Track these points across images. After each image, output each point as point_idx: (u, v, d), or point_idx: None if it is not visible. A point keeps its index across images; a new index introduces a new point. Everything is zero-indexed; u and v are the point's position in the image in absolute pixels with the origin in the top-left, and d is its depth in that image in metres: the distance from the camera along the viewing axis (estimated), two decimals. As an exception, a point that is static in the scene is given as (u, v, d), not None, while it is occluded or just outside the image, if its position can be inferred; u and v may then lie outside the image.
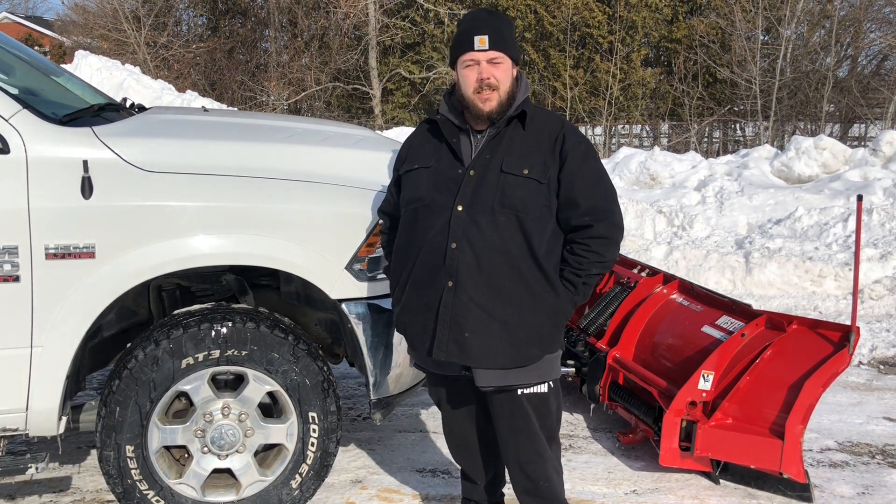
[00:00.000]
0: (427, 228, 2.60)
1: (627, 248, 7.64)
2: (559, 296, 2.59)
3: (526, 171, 2.54)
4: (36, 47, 27.00)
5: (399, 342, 3.17)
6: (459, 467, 3.15)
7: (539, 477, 2.80)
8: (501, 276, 2.54)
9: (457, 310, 2.55)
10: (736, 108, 20.26)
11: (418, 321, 2.66)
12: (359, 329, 3.11)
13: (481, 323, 2.55)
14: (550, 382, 2.71)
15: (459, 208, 2.54)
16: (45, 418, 2.95)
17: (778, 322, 3.77)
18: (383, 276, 3.18)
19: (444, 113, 2.69)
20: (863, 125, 20.59)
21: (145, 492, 3.10)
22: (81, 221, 2.85)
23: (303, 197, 3.10)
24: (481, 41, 2.53)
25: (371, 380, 3.18)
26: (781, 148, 11.83)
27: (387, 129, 16.23)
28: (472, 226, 2.53)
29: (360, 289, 3.12)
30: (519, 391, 2.66)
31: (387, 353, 3.16)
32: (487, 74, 2.54)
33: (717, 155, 15.91)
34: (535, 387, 2.67)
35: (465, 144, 2.64)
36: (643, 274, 4.60)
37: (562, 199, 2.57)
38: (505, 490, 3.17)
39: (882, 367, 5.49)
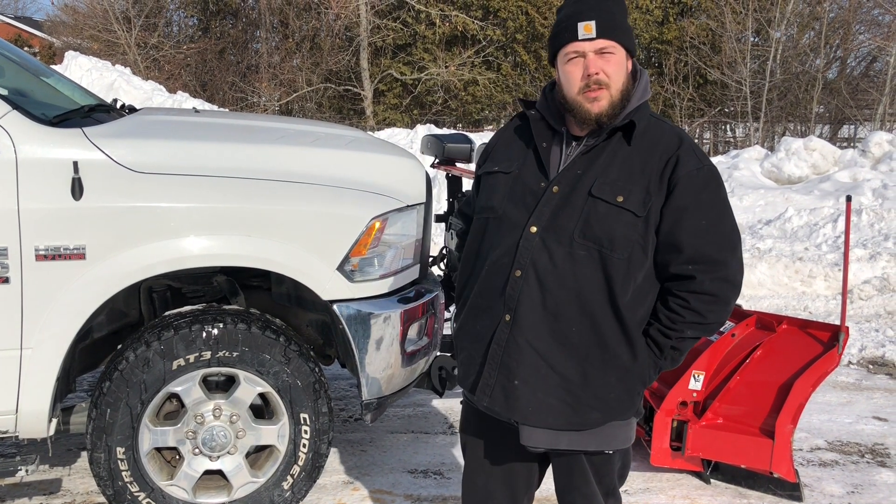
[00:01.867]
0: (494, 245, 2.14)
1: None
2: (637, 357, 2.08)
3: (620, 199, 2.02)
4: (25, 48, 26.86)
5: (391, 343, 3.17)
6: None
7: None
8: (569, 322, 2.05)
9: (510, 351, 2.08)
10: (726, 110, 20.36)
11: (468, 349, 2.21)
12: (350, 330, 3.11)
13: (536, 373, 2.07)
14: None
15: (533, 229, 2.06)
16: (36, 420, 2.94)
17: (768, 322, 3.79)
18: (375, 277, 3.18)
19: (541, 109, 2.18)
20: (852, 126, 20.72)
21: (136, 494, 3.09)
22: (71, 222, 2.84)
23: (294, 198, 3.09)
24: (587, 28, 2.02)
25: (363, 381, 3.18)
26: (772, 149, 11.90)
27: (378, 129, 16.22)
28: (544, 254, 2.05)
29: (352, 290, 3.11)
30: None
31: (378, 355, 3.16)
32: (596, 69, 2.03)
33: (708, 156, 15.96)
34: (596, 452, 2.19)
35: (556, 153, 2.14)
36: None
37: (662, 238, 2.04)
38: None
39: (871, 366, 5.52)
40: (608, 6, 2.07)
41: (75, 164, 2.84)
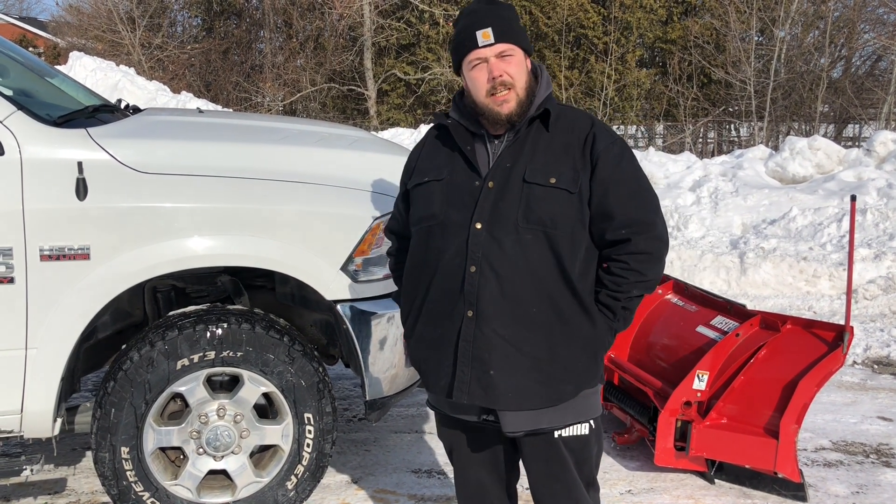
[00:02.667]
0: (442, 250, 2.22)
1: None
2: (595, 324, 2.22)
3: (553, 180, 2.16)
4: (30, 48, 26.93)
5: (394, 343, 3.17)
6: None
7: None
8: (529, 304, 2.16)
9: (479, 344, 2.17)
10: (730, 109, 20.33)
11: (433, 356, 2.28)
12: (354, 330, 3.11)
13: (508, 359, 2.17)
14: (591, 422, 2.31)
15: (478, 226, 2.17)
16: (40, 420, 2.94)
17: (772, 322, 3.78)
18: (379, 276, 3.18)
19: (456, 117, 2.30)
20: (857, 126, 20.66)
21: (140, 493, 3.09)
22: (76, 223, 2.84)
23: (298, 198, 3.10)
24: (485, 35, 2.16)
25: (366, 381, 3.18)
26: (776, 148, 11.87)
27: (382, 130, 16.23)
28: (494, 246, 2.15)
29: (356, 290, 3.12)
30: (556, 433, 2.27)
31: (382, 354, 3.16)
32: (499, 72, 2.16)
33: (712, 155, 15.94)
34: (573, 427, 2.28)
35: (482, 152, 2.26)
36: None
37: (594, 210, 2.19)
38: None
39: (876, 366, 5.50)
40: (501, 13, 2.22)
41: (80, 164, 2.85)
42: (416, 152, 2.45)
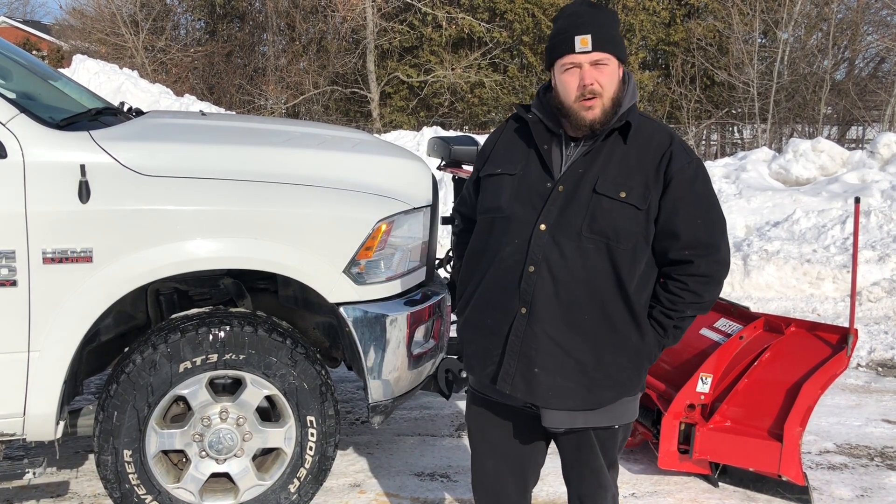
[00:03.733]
0: (504, 243, 2.26)
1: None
2: (645, 338, 2.25)
3: (623, 195, 2.17)
4: (34, 51, 27.00)
5: (397, 346, 3.17)
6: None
7: None
8: (582, 310, 2.20)
9: (528, 341, 2.22)
10: (734, 111, 20.31)
11: (479, 342, 2.33)
12: (357, 333, 3.11)
13: (554, 359, 2.22)
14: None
15: (542, 227, 2.20)
16: (43, 423, 2.94)
17: (776, 324, 3.77)
18: (382, 279, 3.17)
19: (537, 113, 2.31)
20: (860, 127, 20.63)
21: (143, 496, 3.09)
22: (79, 225, 2.84)
23: (301, 200, 3.10)
24: (583, 41, 2.15)
25: (369, 384, 3.18)
26: (779, 150, 11.85)
27: (385, 132, 16.23)
28: (555, 249, 2.19)
29: (359, 292, 3.11)
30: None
31: (385, 357, 3.16)
32: (591, 80, 2.17)
33: (715, 157, 15.94)
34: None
35: (557, 154, 2.27)
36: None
37: (660, 227, 2.21)
38: None
39: (880, 369, 5.49)
40: (602, 20, 2.20)
41: (82, 167, 2.85)
42: (492, 139, 2.46)
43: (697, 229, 2.21)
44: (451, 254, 4.32)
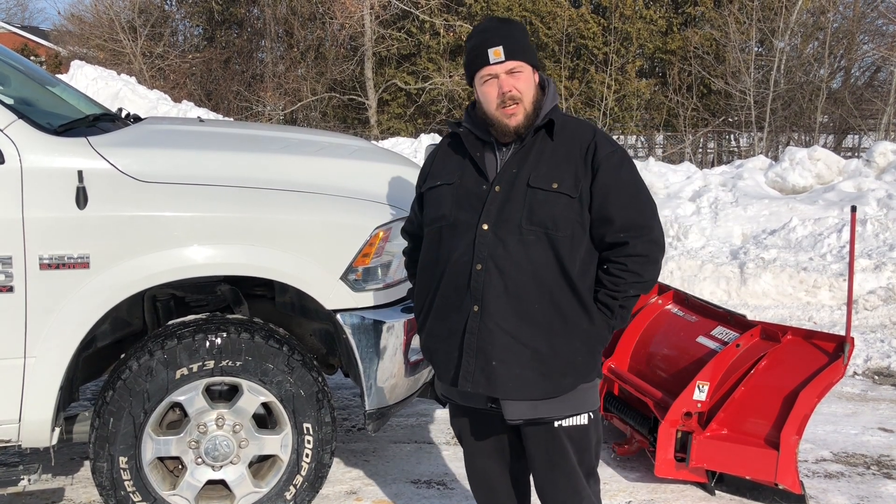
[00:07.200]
0: (451, 249, 2.40)
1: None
2: (594, 321, 2.37)
3: (555, 186, 2.33)
4: (32, 57, 26.98)
5: (394, 353, 3.17)
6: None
7: None
8: (531, 300, 2.33)
9: (483, 336, 2.34)
10: (730, 119, 20.34)
11: (442, 348, 2.44)
12: (354, 340, 3.11)
13: (509, 351, 2.33)
14: (590, 413, 2.46)
15: (485, 227, 2.33)
16: (39, 429, 2.93)
17: (773, 333, 3.78)
18: (379, 286, 3.17)
19: (468, 126, 2.48)
20: (856, 136, 20.69)
21: (138, 503, 3.08)
22: (76, 231, 2.84)
23: (298, 207, 3.10)
24: (496, 53, 2.32)
25: (366, 390, 3.17)
26: (776, 159, 11.88)
27: (383, 139, 16.24)
28: (499, 245, 2.32)
29: (356, 299, 3.11)
30: (556, 423, 2.41)
31: (381, 364, 3.16)
32: (508, 87, 2.33)
33: (712, 166, 15.96)
34: (573, 417, 2.42)
35: (490, 159, 2.43)
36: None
37: (595, 214, 2.35)
38: None
39: (877, 377, 5.49)
40: (512, 32, 2.38)
41: (80, 173, 2.85)
42: (429, 159, 2.62)
43: (630, 212, 2.35)
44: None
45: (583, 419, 2.44)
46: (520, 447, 2.56)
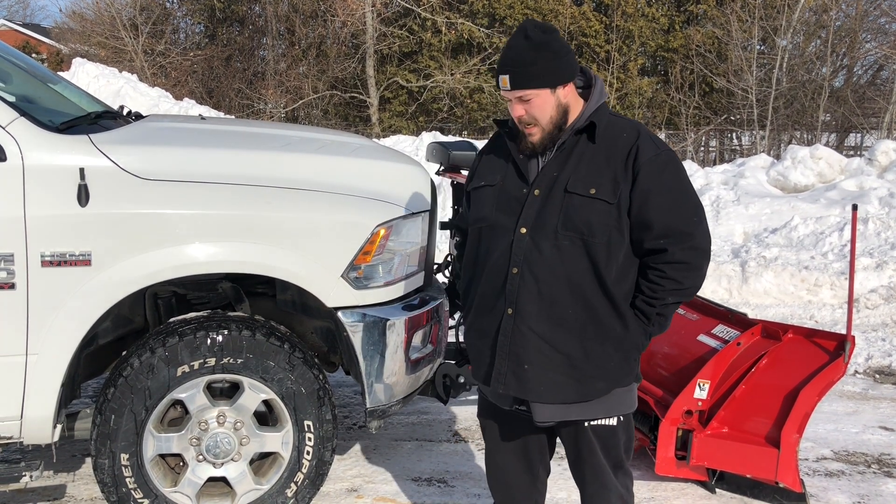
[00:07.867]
0: (490, 250, 2.41)
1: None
2: (628, 327, 2.34)
3: (593, 191, 2.27)
4: (33, 55, 27.01)
5: (395, 351, 3.17)
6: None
7: None
8: (564, 305, 2.31)
9: (515, 340, 2.34)
10: (732, 118, 20.34)
11: (477, 346, 2.47)
12: (355, 337, 3.11)
13: (542, 355, 2.33)
14: (620, 416, 2.44)
15: (522, 231, 2.33)
16: (40, 426, 2.94)
17: (774, 331, 3.78)
18: (380, 284, 3.17)
19: (513, 127, 2.45)
20: (859, 135, 20.66)
21: (140, 500, 3.09)
22: (77, 229, 2.84)
23: (299, 205, 3.10)
24: (504, 81, 2.31)
25: (367, 388, 3.18)
26: (778, 157, 11.88)
27: (384, 137, 16.25)
28: (534, 250, 2.31)
29: (357, 297, 3.11)
30: (585, 423, 2.42)
31: (382, 362, 3.16)
32: (519, 113, 2.33)
33: (714, 164, 15.95)
34: (603, 419, 2.42)
35: (533, 162, 2.41)
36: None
37: (634, 219, 2.29)
38: None
39: (878, 376, 5.49)
40: (523, 56, 2.28)
41: (82, 170, 2.85)
42: (479, 156, 2.63)
43: (669, 218, 2.27)
44: (449, 259, 4.32)
45: (612, 421, 2.42)
46: (545, 449, 2.60)
